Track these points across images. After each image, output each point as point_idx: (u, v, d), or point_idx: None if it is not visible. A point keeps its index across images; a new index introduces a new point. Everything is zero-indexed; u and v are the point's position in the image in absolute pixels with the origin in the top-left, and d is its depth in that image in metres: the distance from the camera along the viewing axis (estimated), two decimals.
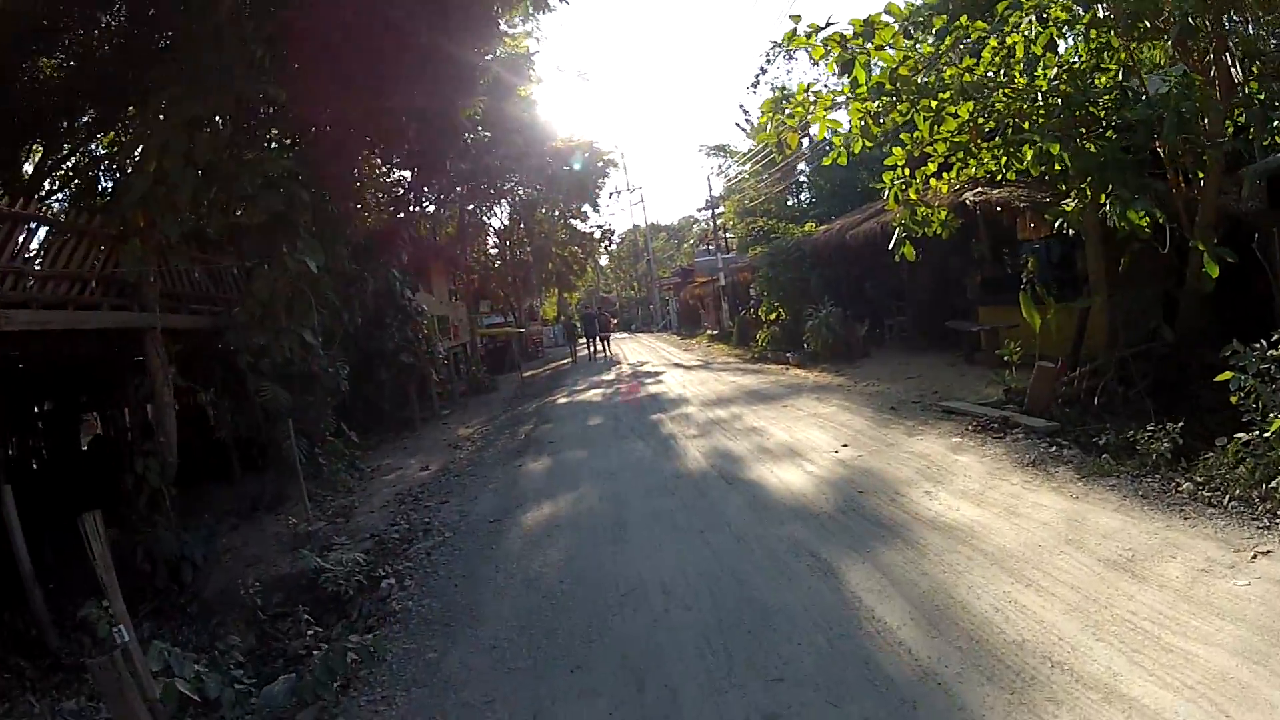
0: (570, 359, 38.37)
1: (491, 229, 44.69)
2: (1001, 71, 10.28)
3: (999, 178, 11.35)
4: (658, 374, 25.28)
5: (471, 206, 37.57)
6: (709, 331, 43.09)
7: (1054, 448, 8.82)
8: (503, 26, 18.70)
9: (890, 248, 11.61)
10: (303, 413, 13.61)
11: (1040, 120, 9.94)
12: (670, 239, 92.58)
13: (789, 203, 40.73)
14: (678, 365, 27.70)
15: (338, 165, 14.10)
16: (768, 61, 43.57)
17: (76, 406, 19.61)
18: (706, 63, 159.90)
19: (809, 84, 11.09)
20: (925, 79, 10.41)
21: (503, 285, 47.33)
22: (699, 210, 63.54)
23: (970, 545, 6.57)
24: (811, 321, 20.83)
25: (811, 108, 10.84)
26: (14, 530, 9.22)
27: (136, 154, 12.97)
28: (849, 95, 10.62)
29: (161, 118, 11.59)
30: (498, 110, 23.91)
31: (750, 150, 45.32)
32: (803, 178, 41.77)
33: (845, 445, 10.72)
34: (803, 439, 11.55)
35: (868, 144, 10.80)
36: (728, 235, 46.14)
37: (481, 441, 16.81)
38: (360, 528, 11.10)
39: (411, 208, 24.04)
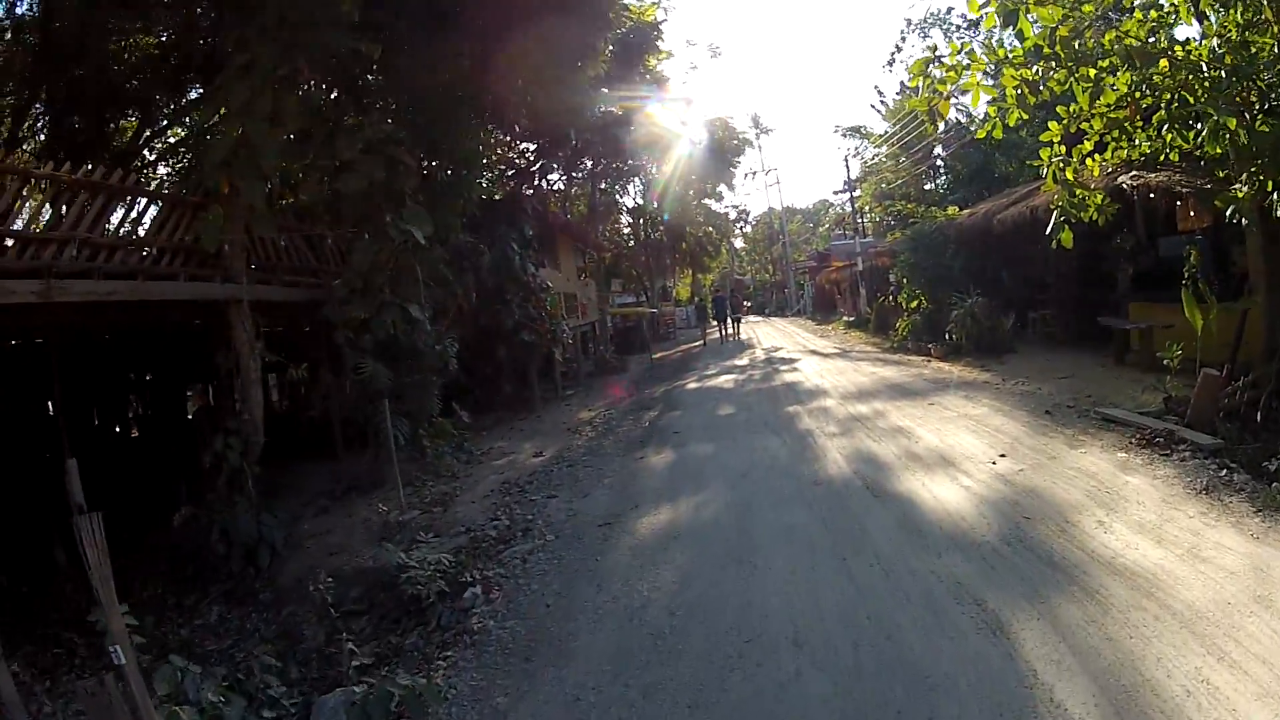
0: (702, 341, 37.15)
1: (624, 208, 43.67)
2: (1161, 37, 8.92)
3: (1160, 159, 9.99)
4: (793, 361, 23.66)
5: (604, 185, 36.73)
6: (845, 318, 41.24)
7: (1223, 470, 7.58)
8: None
9: (1048, 232, 10.17)
10: (405, 392, 12.64)
11: (1203, 95, 8.49)
12: (805, 222, 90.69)
13: (926, 187, 38.98)
14: (814, 353, 26.00)
15: (448, 132, 13.03)
16: (902, 39, 41.99)
17: (181, 378, 19.29)
18: (840, 42, 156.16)
19: (962, 44, 9.74)
20: (1083, 44, 9.14)
21: (635, 264, 46.44)
22: (834, 193, 61.53)
23: (1156, 600, 5.38)
24: (956, 312, 19.06)
25: (965, 71, 9.52)
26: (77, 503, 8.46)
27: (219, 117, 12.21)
28: (1004, 58, 9.34)
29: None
30: (626, 80, 22.69)
31: (886, 132, 43.71)
32: (939, 162, 40.03)
33: (1003, 455, 9.19)
34: (955, 445, 9.99)
35: (1023, 115, 9.38)
36: (864, 219, 44.10)
37: (602, 427, 15.63)
38: (457, 520, 10.06)
39: (537, 181, 22.90)
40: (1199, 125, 8.82)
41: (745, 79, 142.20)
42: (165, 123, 17.35)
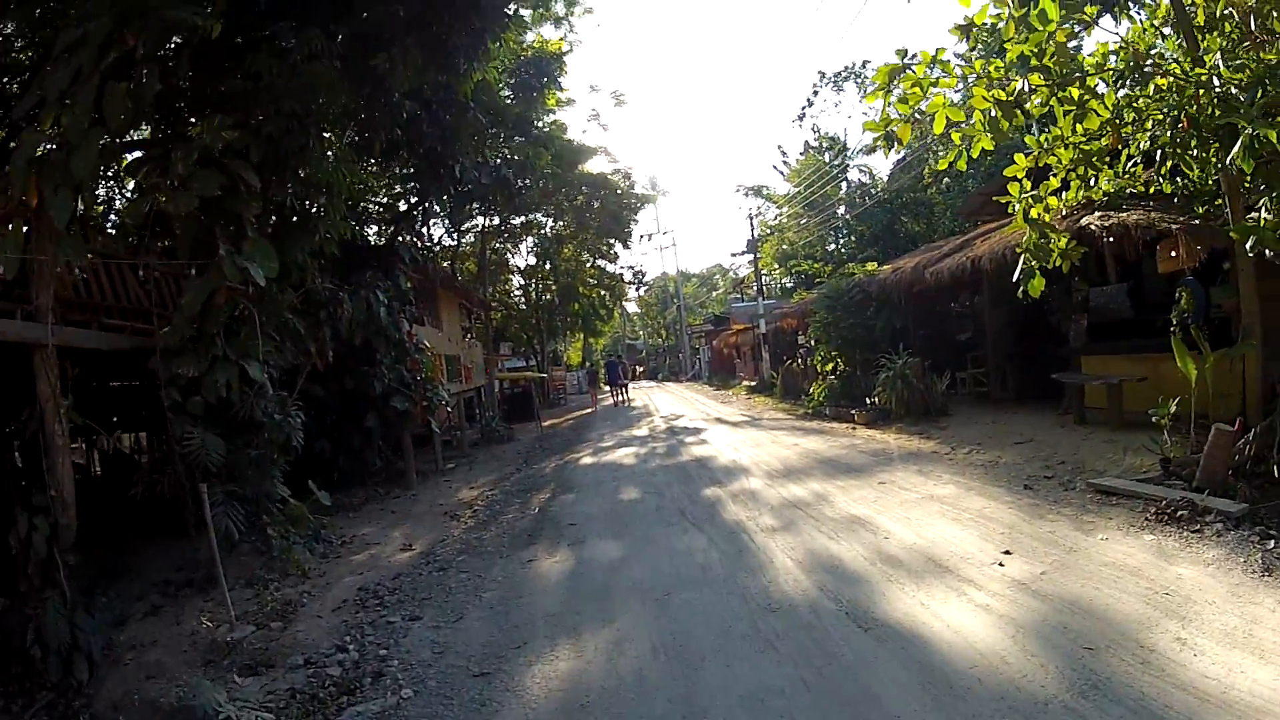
0: (593, 408, 35.92)
1: (516, 268, 41.87)
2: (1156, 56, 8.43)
3: (1121, 200, 10.23)
4: (698, 431, 21.60)
5: (495, 245, 34.97)
6: (746, 382, 39.91)
7: (1270, 542, 6.51)
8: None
9: (1015, 279, 9.52)
10: (239, 470, 10.12)
11: (1215, 110, 7.46)
12: (700, 286, 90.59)
13: (829, 247, 38.36)
14: (720, 420, 24.02)
15: (305, 148, 10.64)
16: (814, 93, 41.63)
17: None
18: (738, 107, 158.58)
19: (936, 51, 8.36)
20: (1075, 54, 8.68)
21: (525, 327, 44.40)
22: (732, 255, 61.19)
23: None
24: (885, 374, 17.49)
25: (932, 89, 8.37)
26: None
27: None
28: (979, 74, 8.56)
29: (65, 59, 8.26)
30: (522, 122, 20.66)
31: (790, 192, 43.07)
32: (841, 223, 39.67)
33: (1007, 552, 7.28)
34: (938, 540, 7.97)
35: (987, 146, 8.58)
36: (767, 280, 42.94)
37: (485, 512, 13.20)
38: (297, 643, 7.58)
39: (419, 226, 20.41)
40: (1198, 151, 8.13)
41: (642, 140, 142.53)
42: None
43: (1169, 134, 8.11)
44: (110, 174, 12.72)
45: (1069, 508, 8.55)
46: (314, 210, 11.45)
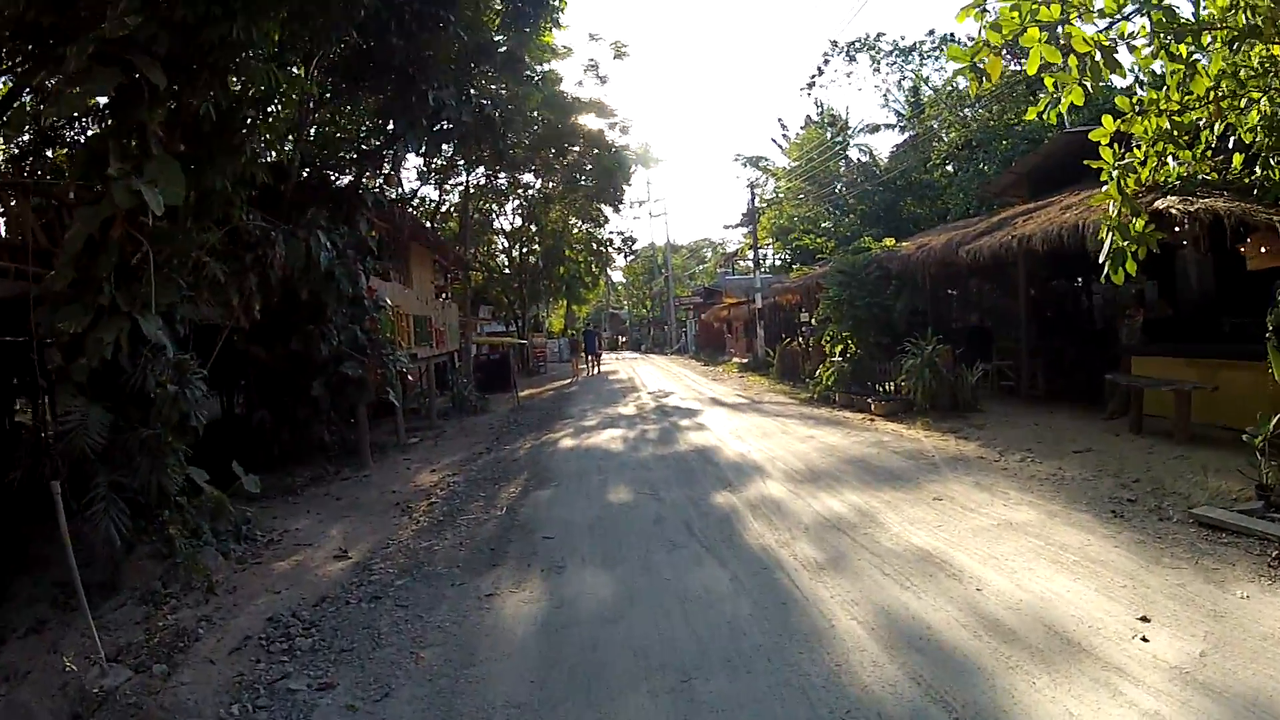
0: (573, 378, 34.39)
1: (501, 229, 39.64)
2: None
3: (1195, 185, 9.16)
4: (693, 413, 19.38)
5: (480, 202, 32.71)
6: (737, 359, 37.86)
7: None
8: None
9: (1100, 261, 7.72)
10: (127, 454, 7.88)
11: None
12: (689, 257, 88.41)
13: (824, 224, 36.27)
14: (716, 402, 21.78)
15: (228, 41, 8.25)
16: (825, 62, 39.34)
17: None
18: (730, 85, 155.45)
19: None
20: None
21: (507, 290, 42.10)
22: (726, 227, 59.14)
23: None
24: (911, 360, 15.36)
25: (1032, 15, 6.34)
26: None
27: None
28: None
29: None
30: (512, 61, 18.21)
31: (789, 166, 40.99)
32: (841, 201, 37.90)
33: (1144, 618, 5.38)
34: (1048, 595, 5.92)
35: (1076, 100, 6.69)
36: (763, 253, 40.74)
37: (443, 507, 10.95)
38: (176, 704, 5.53)
39: (389, 169, 17.87)
40: None
41: (636, 107, 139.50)
42: None
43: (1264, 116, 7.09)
44: None
45: (1180, 547, 6.82)
46: (242, 125, 9.05)
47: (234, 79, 9.18)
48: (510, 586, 7.31)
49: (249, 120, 9.01)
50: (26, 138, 10.72)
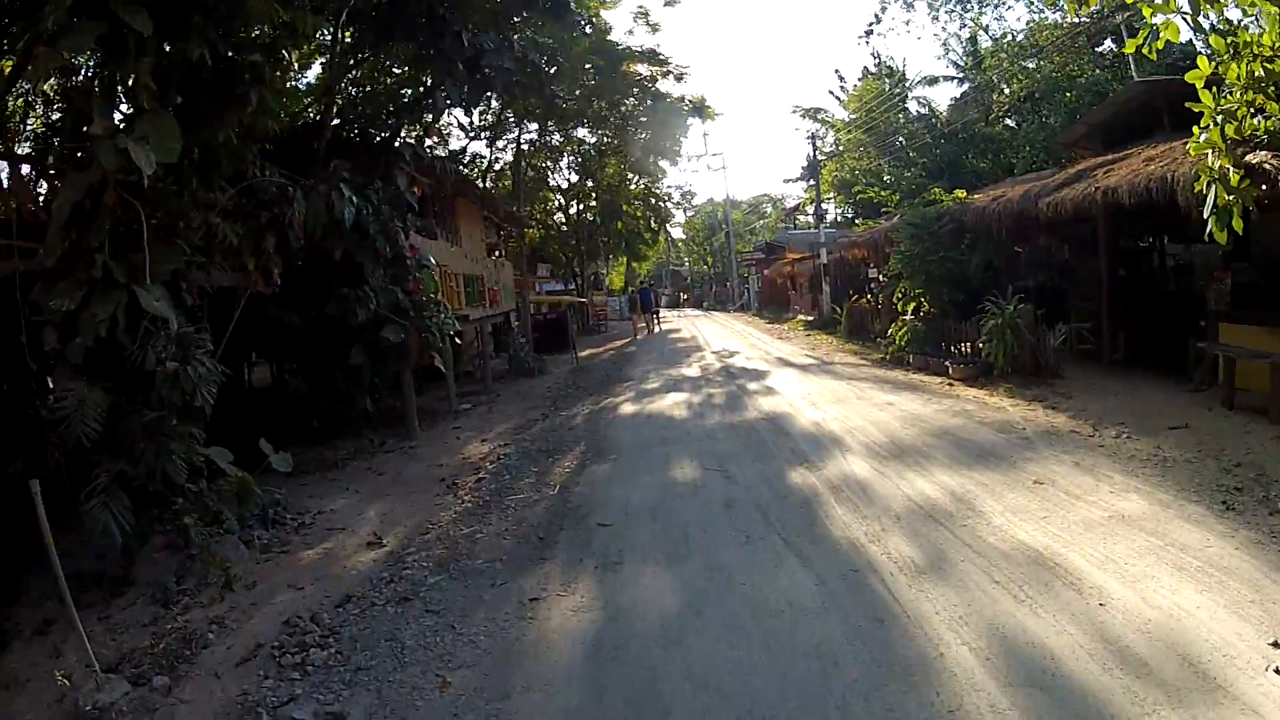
0: (633, 337, 33.53)
1: (557, 186, 38.67)
2: None
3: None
4: (761, 375, 18.17)
5: (534, 160, 31.75)
6: (802, 317, 36.55)
7: None
8: None
9: (1206, 216, 6.86)
10: (129, 441, 7.08)
11: None
12: (750, 212, 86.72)
13: (885, 178, 34.82)
14: (783, 362, 20.57)
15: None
16: (882, 9, 37.61)
17: None
18: (786, 36, 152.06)
19: None
20: None
21: (564, 248, 41.16)
22: (786, 181, 57.48)
23: None
24: (992, 321, 14.06)
25: None
26: None
27: None
28: None
29: None
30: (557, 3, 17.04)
31: (848, 119, 39.41)
32: (903, 154, 36.10)
33: (1275, 644, 4.42)
34: (1175, 610, 4.94)
35: (1173, 38, 6.11)
36: (825, 208, 39.27)
37: (491, 484, 10.04)
38: None
39: (429, 118, 16.78)
40: None
41: (692, 59, 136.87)
42: None
43: None
44: None
45: None
46: (246, 72, 8.06)
47: (236, 23, 8.18)
48: (558, 588, 6.34)
49: (255, 66, 8.03)
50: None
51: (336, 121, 13.87)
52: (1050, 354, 13.74)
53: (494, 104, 24.86)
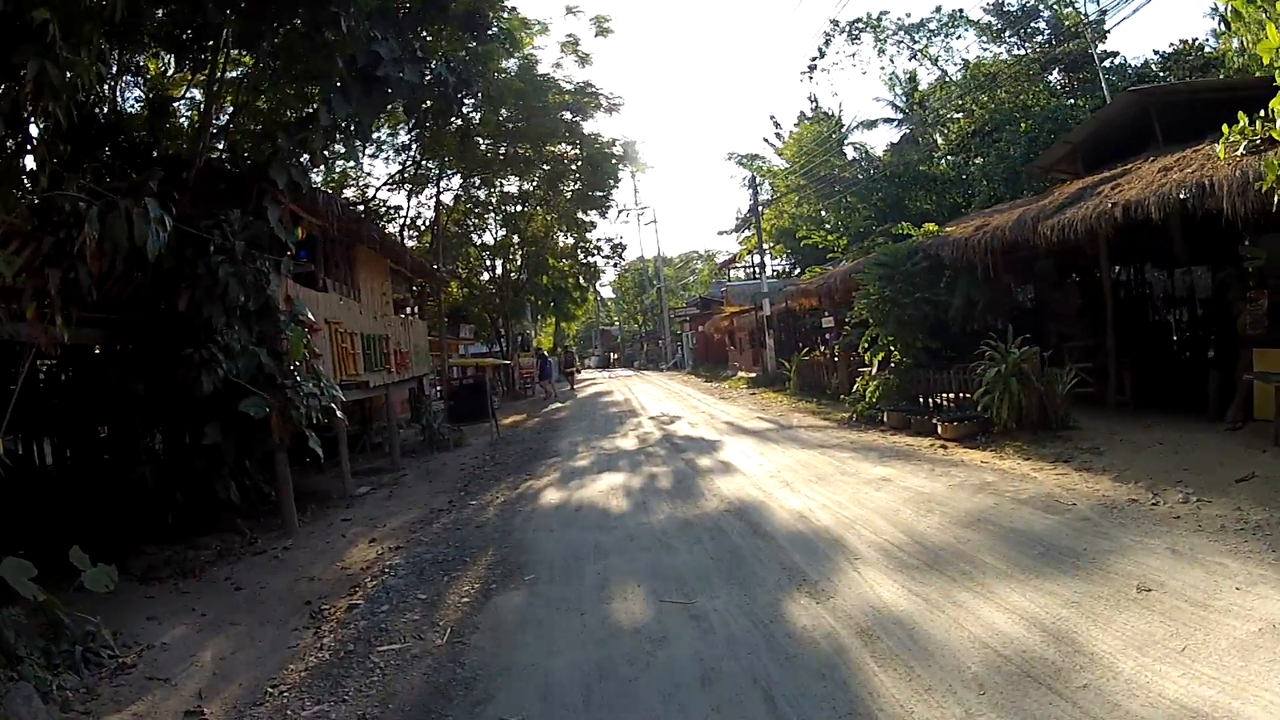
0: (559, 402, 31.99)
1: (484, 245, 37.21)
2: None
3: None
4: (712, 445, 15.48)
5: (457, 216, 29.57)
6: (743, 374, 34.52)
7: None
8: None
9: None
10: None
11: None
12: (681, 268, 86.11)
13: (826, 225, 33.97)
14: (736, 428, 17.94)
15: None
16: (826, 44, 37.21)
17: None
18: (718, 83, 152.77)
19: None
20: None
21: (489, 307, 38.58)
22: (720, 233, 56.56)
23: None
24: (995, 369, 12.07)
25: None
26: None
27: None
28: None
29: None
30: (475, 18, 14.69)
31: (787, 166, 39.35)
32: (847, 197, 35.46)
33: None
34: None
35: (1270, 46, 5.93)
36: (763, 257, 37.56)
37: (363, 619, 7.18)
38: None
39: (314, 144, 13.95)
40: None
41: (623, 102, 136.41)
42: None
43: None
44: None
45: None
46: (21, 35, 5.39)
47: None
48: None
49: (38, 27, 5.42)
50: None
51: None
52: (1058, 403, 11.95)
53: (404, 138, 22.76)
